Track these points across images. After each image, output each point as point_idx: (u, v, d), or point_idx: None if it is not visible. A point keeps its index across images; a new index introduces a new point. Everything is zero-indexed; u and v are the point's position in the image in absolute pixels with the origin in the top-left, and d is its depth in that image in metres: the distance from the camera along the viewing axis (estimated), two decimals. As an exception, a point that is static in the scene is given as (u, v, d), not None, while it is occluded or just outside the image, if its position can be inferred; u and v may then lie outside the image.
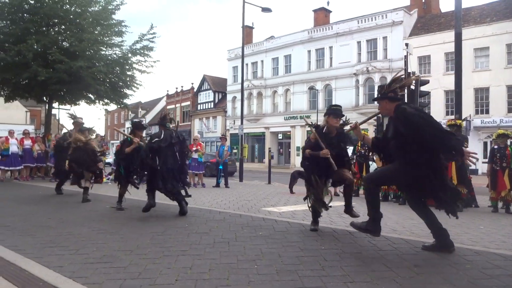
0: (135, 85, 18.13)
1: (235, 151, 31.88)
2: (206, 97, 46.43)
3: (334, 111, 5.24)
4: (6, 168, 13.88)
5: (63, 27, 16.52)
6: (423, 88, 12.28)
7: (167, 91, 54.90)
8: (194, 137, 14.64)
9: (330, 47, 33.91)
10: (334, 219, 6.38)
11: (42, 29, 16.17)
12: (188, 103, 49.40)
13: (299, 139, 35.27)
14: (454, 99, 10.40)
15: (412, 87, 11.77)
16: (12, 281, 3.15)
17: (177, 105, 51.07)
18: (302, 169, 5.59)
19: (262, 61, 39.42)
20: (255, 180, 17.07)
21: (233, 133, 37.63)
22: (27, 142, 14.32)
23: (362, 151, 10.46)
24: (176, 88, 52.20)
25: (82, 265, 3.61)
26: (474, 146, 23.80)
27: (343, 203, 5.35)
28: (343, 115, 5.36)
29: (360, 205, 8.27)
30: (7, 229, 5.27)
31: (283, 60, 37.73)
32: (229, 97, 42.56)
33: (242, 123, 18.42)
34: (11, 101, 18.53)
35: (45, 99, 17.99)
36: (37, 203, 8.05)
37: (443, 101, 27.46)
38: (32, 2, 15.63)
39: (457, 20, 10.11)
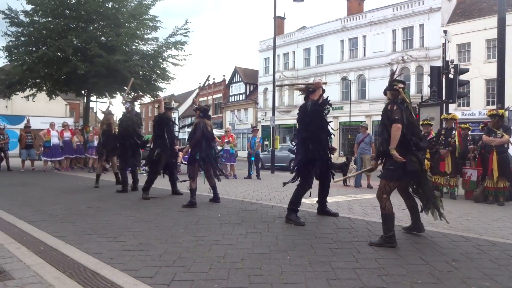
0: (168, 78, 18.45)
1: (266, 142, 31.93)
2: (238, 89, 46.59)
3: None
4: (48, 159, 14.53)
5: (101, 22, 17.02)
6: (463, 77, 11.81)
7: (199, 83, 55.63)
8: (226, 128, 14.75)
9: (364, 36, 33.08)
10: (368, 212, 6.28)
11: (81, 25, 16.71)
12: (220, 95, 49.79)
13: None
14: (496, 88, 9.93)
15: (451, 76, 11.36)
16: (56, 265, 3.30)
17: (209, 97, 51.59)
18: (335, 162, 5.64)
19: (294, 52, 39.02)
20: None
21: (265, 125, 37.64)
22: (67, 134, 14.91)
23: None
24: (208, 80, 52.74)
25: (120, 252, 3.73)
26: (517, 137, 22.58)
27: (374, 196, 5.21)
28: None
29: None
30: (50, 217, 5.53)
31: (315, 50, 37.17)
32: (260, 88, 42.48)
33: (273, 114, 18.37)
34: (54, 97, 19.31)
35: (83, 92, 18.65)
36: (76, 193, 8.39)
37: (483, 91, 26.25)
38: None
39: (501, 4, 9.59)
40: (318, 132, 5.37)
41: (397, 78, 4.51)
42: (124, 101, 8.82)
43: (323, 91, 5.55)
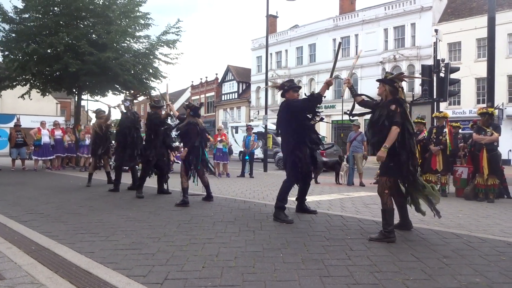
0: (160, 77, 18.35)
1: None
2: (230, 88, 46.53)
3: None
4: (39, 158, 14.39)
5: (92, 20, 16.86)
6: (453, 76, 11.91)
7: (192, 81, 55.48)
8: (218, 127, 14.74)
9: (356, 35, 33.23)
10: (360, 209, 6.32)
11: (72, 22, 16.54)
12: (213, 93, 49.67)
13: (323, 129, 34.93)
14: (486, 86, 10.03)
15: (442, 74, 11.46)
16: (47, 265, 3.28)
17: (202, 95, 51.45)
18: (326, 159, 5.65)
19: (286, 51, 39.08)
20: (280, 170, 17.07)
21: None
22: (58, 133, 14.78)
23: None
24: (201, 78, 52.56)
25: (112, 251, 3.71)
26: (507, 135, 22.91)
27: (368, 194, 5.27)
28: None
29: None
30: (41, 216, 5.48)
31: (307, 49, 37.26)
32: (253, 87, 42.47)
33: (266, 113, 18.38)
34: (47, 94, 19.13)
35: (74, 91, 18.48)
36: (68, 192, 8.32)
37: (474, 89, 26.55)
38: None
39: (491, 3, 9.69)
40: (300, 129, 5.40)
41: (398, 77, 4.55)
42: (124, 99, 8.75)
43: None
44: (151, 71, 17.96)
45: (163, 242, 4.05)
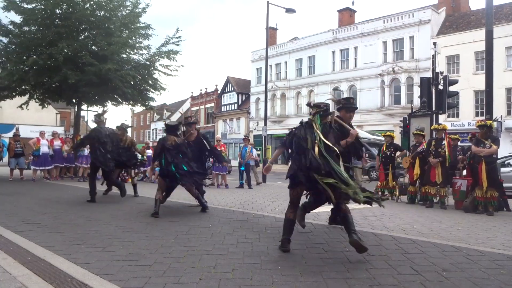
0: (160, 88, 18.41)
1: (258, 152, 31.94)
2: (230, 99, 46.69)
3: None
4: (38, 168, 14.35)
5: (93, 31, 16.97)
6: (452, 88, 11.97)
7: (192, 92, 55.57)
8: (216, 138, 14.74)
9: (355, 48, 33.46)
10: (359, 222, 6.28)
11: (72, 34, 16.64)
12: (212, 104, 49.85)
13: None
14: (485, 99, 10.06)
15: (440, 87, 11.51)
16: (43, 276, 3.24)
17: (201, 106, 51.61)
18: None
19: (285, 62, 39.30)
20: (279, 182, 17.02)
21: (257, 135, 37.65)
22: (57, 143, 14.78)
23: (388, 152, 10.18)
24: (200, 89, 52.79)
25: (109, 263, 3.67)
26: (505, 148, 22.94)
27: (367, 206, 5.16)
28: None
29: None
30: (38, 227, 5.44)
31: (307, 61, 37.48)
32: (252, 98, 42.62)
33: (265, 124, 18.42)
34: (45, 105, 19.18)
35: (74, 101, 18.53)
36: (66, 202, 8.28)
37: (472, 102, 26.63)
38: (65, 6, 16.08)
39: (488, 17, 9.78)
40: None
41: (319, 102, 4.56)
42: (94, 119, 8.92)
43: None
44: (150, 82, 18.03)
45: (160, 254, 4.02)
